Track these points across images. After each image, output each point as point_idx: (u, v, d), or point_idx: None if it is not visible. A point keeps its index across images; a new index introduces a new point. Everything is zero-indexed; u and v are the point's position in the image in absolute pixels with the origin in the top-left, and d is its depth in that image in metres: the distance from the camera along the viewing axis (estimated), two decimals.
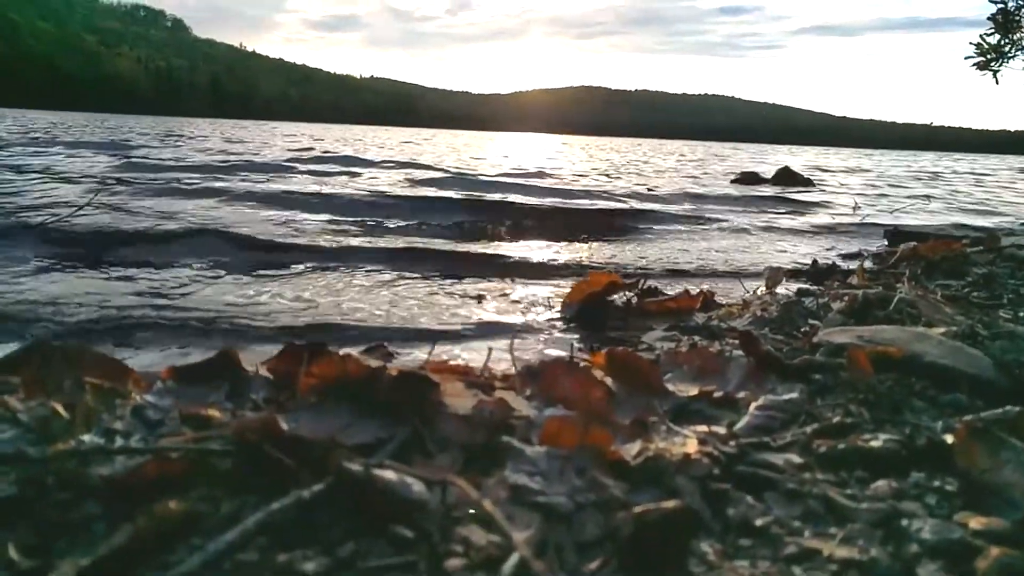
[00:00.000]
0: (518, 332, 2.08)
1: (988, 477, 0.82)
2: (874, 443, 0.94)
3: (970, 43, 7.00)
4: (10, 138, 13.79)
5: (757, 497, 0.80)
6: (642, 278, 2.41)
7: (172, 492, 0.72)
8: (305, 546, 0.66)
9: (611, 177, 11.48)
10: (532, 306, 2.67)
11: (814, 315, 1.86)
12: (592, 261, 3.98)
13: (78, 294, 2.68)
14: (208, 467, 0.78)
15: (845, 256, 4.01)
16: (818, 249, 4.82)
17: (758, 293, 2.43)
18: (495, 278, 3.32)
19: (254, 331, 2.24)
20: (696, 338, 1.74)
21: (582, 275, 2.64)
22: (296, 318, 2.42)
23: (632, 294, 2.31)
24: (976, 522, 0.74)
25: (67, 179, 6.94)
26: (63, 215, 4.39)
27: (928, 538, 0.71)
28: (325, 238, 4.41)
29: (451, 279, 3.28)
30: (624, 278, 2.29)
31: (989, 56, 6.95)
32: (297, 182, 8.10)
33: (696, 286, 2.69)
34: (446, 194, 7.29)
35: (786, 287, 2.58)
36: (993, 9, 6.84)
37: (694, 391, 1.14)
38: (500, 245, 4.57)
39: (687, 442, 0.90)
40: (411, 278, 3.29)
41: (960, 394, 1.18)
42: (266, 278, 3.18)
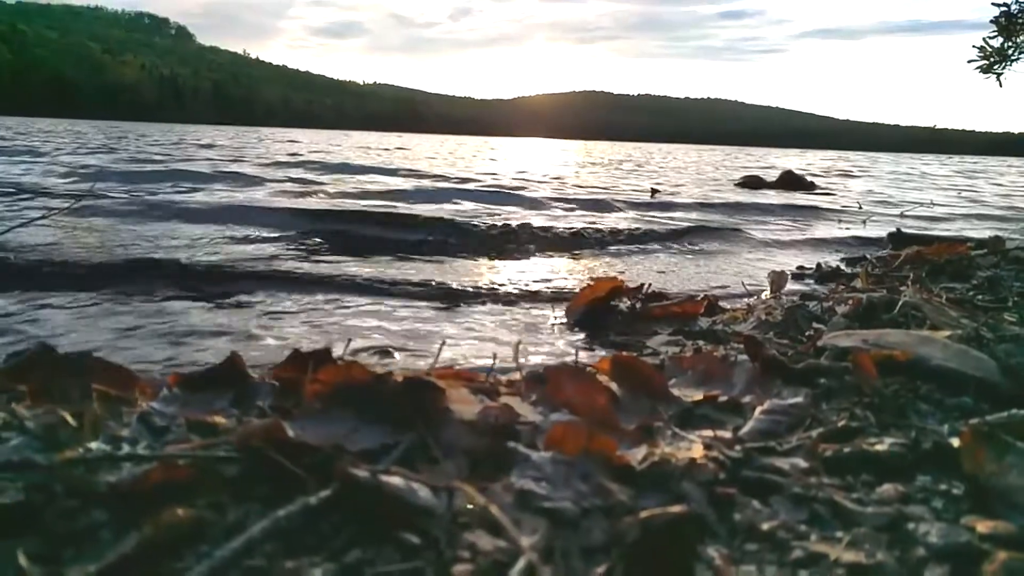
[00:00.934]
0: (523, 338, 2.09)
1: (994, 481, 0.82)
2: (880, 447, 0.94)
3: (973, 46, 6.99)
4: None
5: (763, 501, 0.80)
6: (647, 283, 2.41)
7: (179, 499, 0.72)
8: (312, 553, 0.66)
9: (610, 185, 11.24)
10: (537, 312, 2.66)
11: (818, 319, 1.86)
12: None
13: None
14: (214, 474, 0.78)
15: (849, 260, 4.00)
16: (822, 253, 4.81)
17: (762, 297, 2.43)
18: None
19: None
20: (701, 343, 1.74)
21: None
22: None
23: (636, 299, 2.31)
24: (983, 526, 0.73)
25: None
26: None
27: (935, 542, 0.71)
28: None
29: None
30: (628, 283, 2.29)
31: (992, 59, 6.94)
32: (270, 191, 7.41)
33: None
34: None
35: (790, 291, 2.57)
36: (996, 12, 6.84)
37: (699, 396, 1.14)
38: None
39: (692, 447, 0.90)
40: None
41: (966, 397, 1.18)
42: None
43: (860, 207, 8.76)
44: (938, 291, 2.21)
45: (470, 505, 0.72)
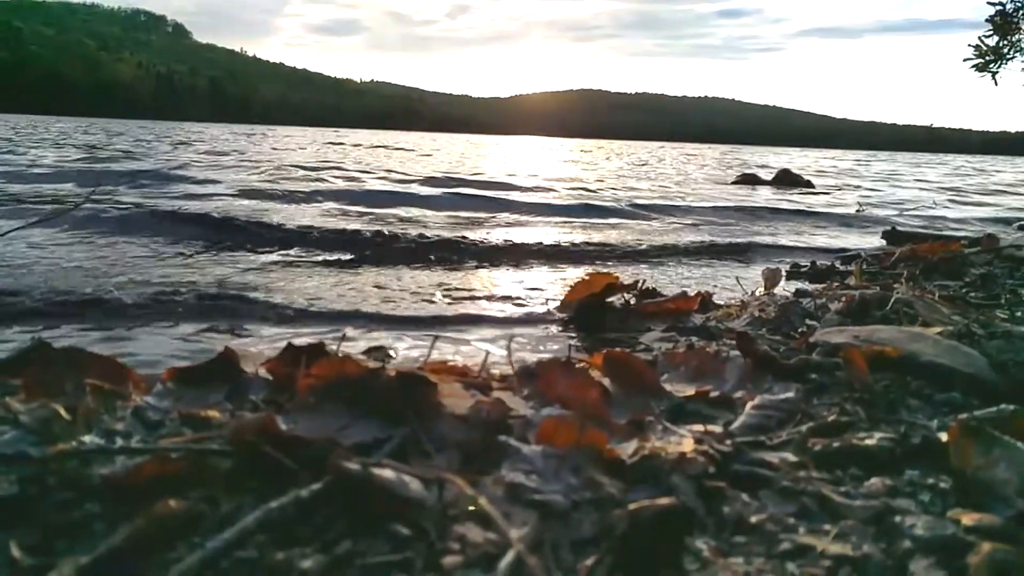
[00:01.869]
0: (516, 333, 2.09)
1: (981, 474, 0.83)
2: (869, 441, 0.94)
3: (968, 45, 7.02)
4: None
5: (752, 495, 0.81)
6: (641, 280, 2.42)
7: (172, 492, 0.72)
8: (303, 544, 0.66)
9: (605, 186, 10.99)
10: (531, 308, 2.67)
11: (812, 316, 1.87)
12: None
13: None
14: (208, 467, 0.79)
15: (844, 257, 4.01)
16: (817, 250, 4.82)
17: (756, 294, 2.44)
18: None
19: None
20: (693, 339, 1.74)
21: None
22: None
23: (630, 295, 2.32)
24: (969, 518, 0.74)
25: None
26: None
27: (921, 534, 0.72)
28: None
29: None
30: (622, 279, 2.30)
31: (988, 58, 6.96)
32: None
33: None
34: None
35: (784, 288, 2.58)
36: (991, 11, 6.86)
37: (691, 391, 1.15)
38: None
39: (683, 441, 0.90)
40: None
41: (956, 393, 1.19)
42: None
43: (857, 204, 8.78)
44: (931, 288, 2.22)
45: (461, 497, 0.73)
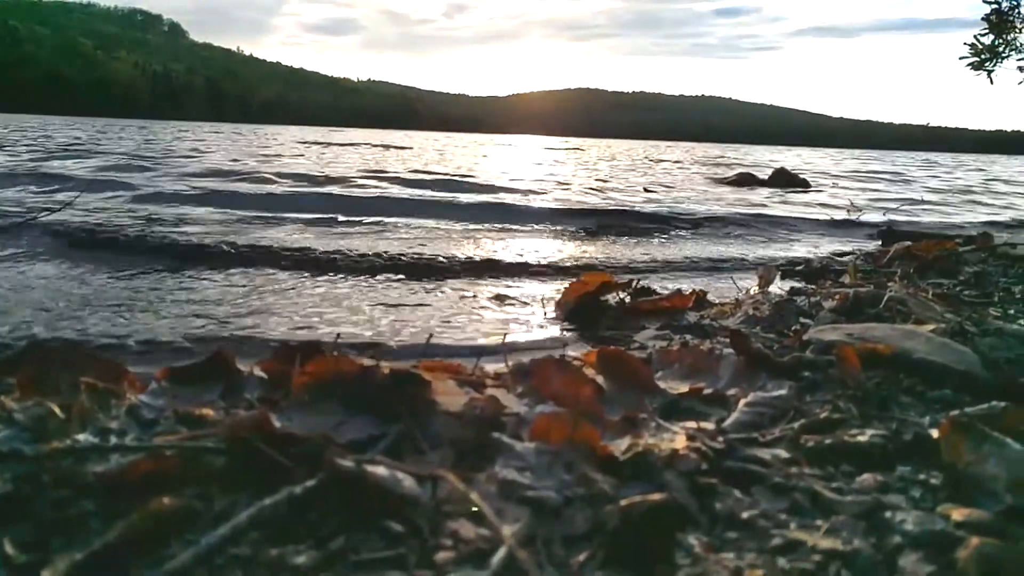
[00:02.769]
0: (511, 332, 2.09)
1: (972, 470, 0.83)
2: (861, 438, 0.95)
3: (964, 43, 7.04)
4: None
5: (744, 491, 0.82)
6: (635, 278, 2.42)
7: (166, 489, 0.72)
8: (297, 541, 0.67)
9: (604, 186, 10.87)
10: (526, 306, 2.67)
11: (806, 314, 1.88)
12: None
13: None
14: (202, 465, 0.79)
15: (839, 255, 4.02)
16: (812, 249, 4.83)
17: (751, 292, 2.44)
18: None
19: None
20: (688, 337, 1.75)
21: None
22: None
23: (625, 294, 2.32)
24: (958, 513, 0.75)
25: None
26: None
27: (911, 529, 0.72)
28: None
29: None
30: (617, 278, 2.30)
31: (984, 56, 6.98)
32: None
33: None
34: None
35: (779, 286, 2.59)
36: (987, 9, 6.88)
37: (684, 388, 1.16)
38: None
39: (676, 438, 0.91)
40: None
41: (948, 390, 1.19)
42: None
43: (851, 204, 8.80)
44: (925, 286, 2.23)
45: (454, 494, 0.73)
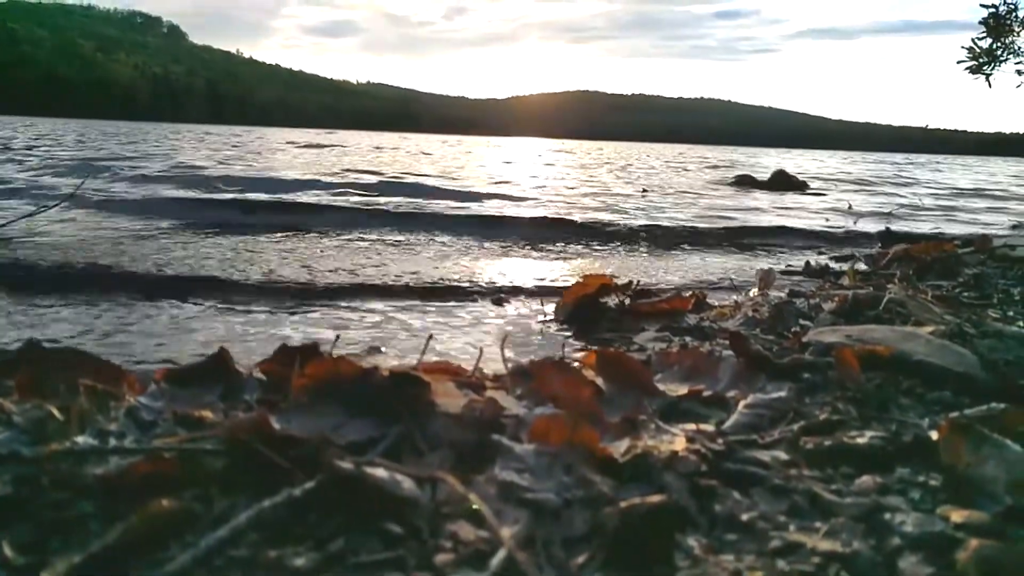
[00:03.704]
0: (510, 333, 2.10)
1: (971, 471, 0.83)
2: (860, 440, 0.95)
3: (962, 47, 7.05)
4: None
5: (744, 493, 0.82)
6: (636, 280, 2.42)
7: (165, 491, 0.72)
8: (296, 542, 0.67)
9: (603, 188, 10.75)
10: (527, 308, 2.67)
11: (805, 316, 1.88)
12: None
13: None
14: (201, 467, 0.79)
15: (838, 258, 4.02)
16: (811, 251, 4.83)
17: (751, 295, 2.44)
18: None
19: None
20: (687, 339, 1.75)
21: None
22: None
23: (625, 296, 2.32)
24: (957, 515, 0.75)
25: None
26: None
27: (910, 531, 0.72)
28: None
29: None
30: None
31: (981, 59, 7.00)
32: None
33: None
34: None
35: (778, 288, 2.59)
36: (985, 13, 6.90)
37: (684, 390, 1.15)
38: None
39: (675, 440, 0.91)
40: None
41: (947, 391, 1.20)
42: None
43: (850, 206, 8.81)
44: (924, 288, 2.23)
45: (453, 496, 0.73)
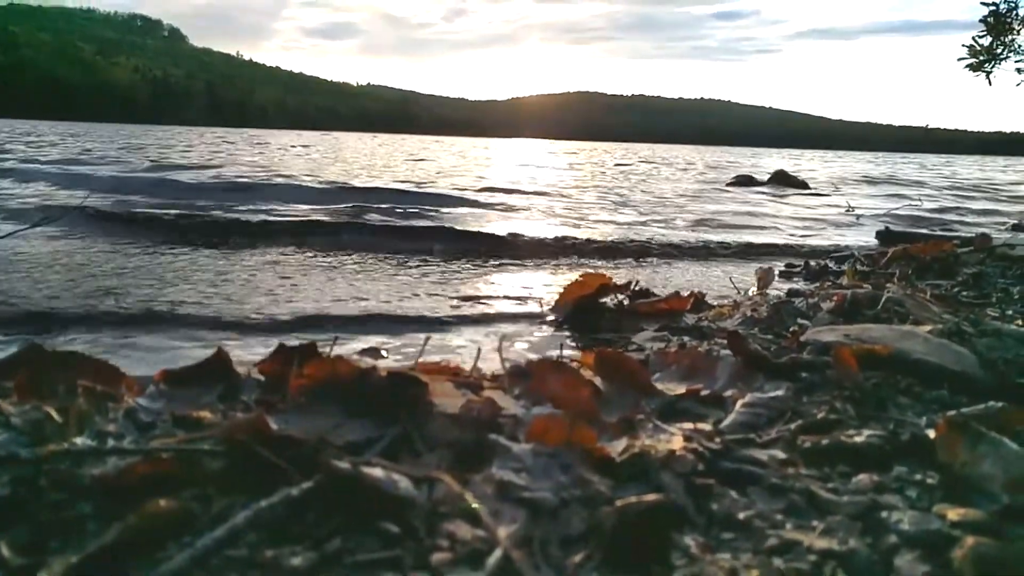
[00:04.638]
0: (508, 333, 2.10)
1: (968, 470, 0.84)
2: (858, 439, 0.95)
3: (963, 45, 7.07)
4: None
5: (741, 492, 0.82)
6: (634, 280, 2.42)
7: (163, 492, 0.73)
8: (293, 542, 0.67)
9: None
10: (526, 308, 2.67)
11: (804, 315, 1.88)
12: None
13: None
14: (199, 467, 0.79)
15: (837, 257, 4.02)
16: (810, 250, 4.82)
17: (749, 294, 2.44)
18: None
19: None
20: (685, 338, 1.75)
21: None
22: None
23: (623, 296, 2.32)
24: (954, 513, 0.75)
25: None
26: None
27: (907, 529, 0.72)
28: None
29: None
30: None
31: (982, 58, 7.01)
32: None
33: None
34: None
35: (777, 288, 2.59)
36: (985, 12, 6.91)
37: (682, 390, 1.16)
38: None
39: (673, 439, 0.91)
40: None
41: (945, 390, 1.20)
42: None
43: (849, 205, 8.81)
44: (923, 287, 2.23)
45: (451, 495, 0.73)
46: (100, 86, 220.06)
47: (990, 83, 7.07)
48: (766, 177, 13.15)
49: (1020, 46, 6.96)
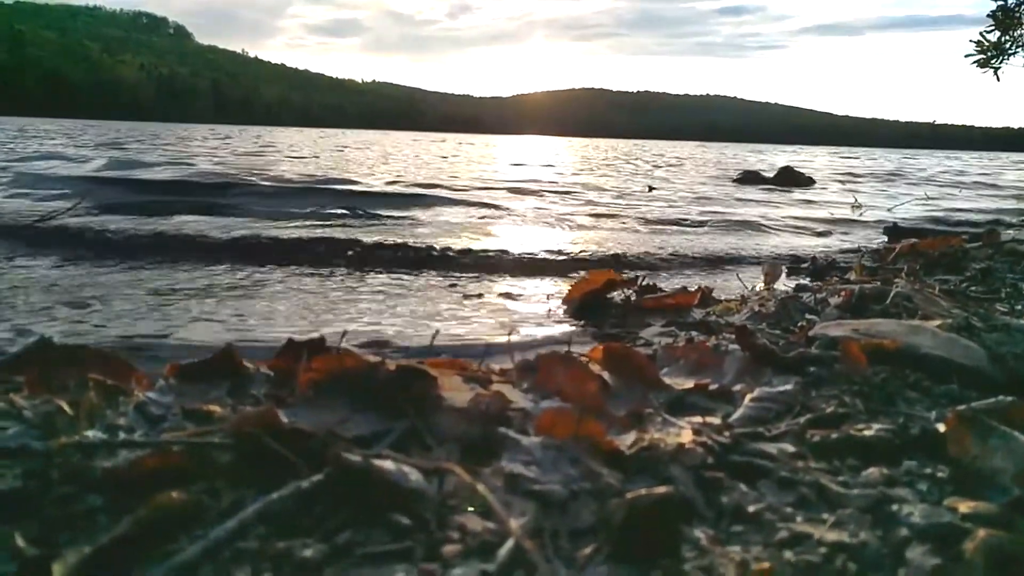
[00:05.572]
0: (518, 327, 2.10)
1: (978, 463, 0.83)
2: (867, 432, 0.95)
3: (970, 40, 7.01)
4: None
5: (750, 485, 0.82)
6: (642, 275, 2.42)
7: (174, 484, 0.73)
8: (304, 535, 0.67)
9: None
10: (533, 302, 2.67)
11: (811, 310, 1.87)
12: None
13: None
14: (209, 460, 0.79)
15: (845, 253, 4.01)
16: (818, 246, 4.82)
17: (757, 289, 2.44)
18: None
19: None
20: (693, 333, 1.75)
21: None
22: None
23: (631, 291, 2.32)
24: (965, 506, 0.75)
25: None
26: None
27: (918, 522, 0.72)
28: None
29: None
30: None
31: (990, 53, 6.96)
32: None
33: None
34: None
35: (785, 283, 2.59)
36: (993, 6, 6.86)
37: (690, 384, 1.15)
38: None
39: (682, 432, 0.91)
40: None
41: (954, 385, 1.19)
42: None
43: (856, 201, 8.78)
44: (931, 283, 2.22)
45: (461, 488, 0.73)
46: (106, 84, 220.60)
47: (998, 79, 7.03)
48: (772, 174, 13.10)
49: None
